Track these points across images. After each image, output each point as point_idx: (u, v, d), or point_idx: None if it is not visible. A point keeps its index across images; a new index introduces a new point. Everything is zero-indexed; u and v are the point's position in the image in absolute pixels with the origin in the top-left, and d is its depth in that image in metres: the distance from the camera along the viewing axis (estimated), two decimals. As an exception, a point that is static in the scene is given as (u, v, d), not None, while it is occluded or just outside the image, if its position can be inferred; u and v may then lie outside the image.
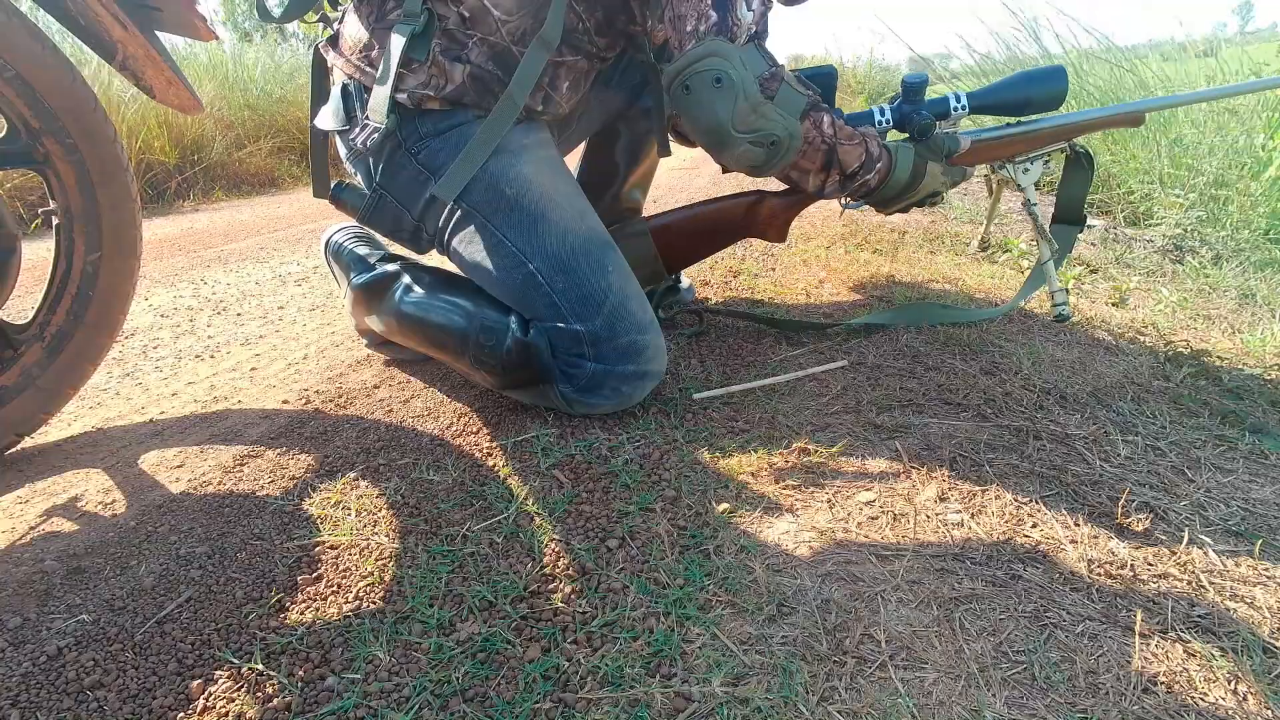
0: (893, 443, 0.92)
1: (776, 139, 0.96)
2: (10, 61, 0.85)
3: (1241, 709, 0.55)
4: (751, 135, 0.95)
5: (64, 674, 0.60)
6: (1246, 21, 8.94)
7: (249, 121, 3.96)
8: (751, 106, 0.93)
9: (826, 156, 1.01)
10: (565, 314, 0.94)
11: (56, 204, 0.94)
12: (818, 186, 1.06)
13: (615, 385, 0.95)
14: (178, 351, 1.38)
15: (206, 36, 0.99)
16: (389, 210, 1.01)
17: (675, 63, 0.94)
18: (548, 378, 0.96)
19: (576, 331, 0.93)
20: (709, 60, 0.91)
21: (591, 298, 0.94)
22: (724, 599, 0.66)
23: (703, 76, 0.92)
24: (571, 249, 0.95)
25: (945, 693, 0.56)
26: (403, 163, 0.98)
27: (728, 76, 0.91)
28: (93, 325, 0.98)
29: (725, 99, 0.92)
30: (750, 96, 0.93)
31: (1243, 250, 1.88)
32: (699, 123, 0.95)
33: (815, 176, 1.04)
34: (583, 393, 0.96)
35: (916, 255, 1.85)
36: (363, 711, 0.56)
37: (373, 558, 0.74)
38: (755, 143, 0.96)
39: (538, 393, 1.00)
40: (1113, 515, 0.77)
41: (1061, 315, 1.21)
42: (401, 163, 0.98)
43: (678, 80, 0.94)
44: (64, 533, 0.80)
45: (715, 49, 0.91)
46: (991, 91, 1.15)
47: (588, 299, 0.94)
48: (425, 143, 0.97)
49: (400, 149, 0.98)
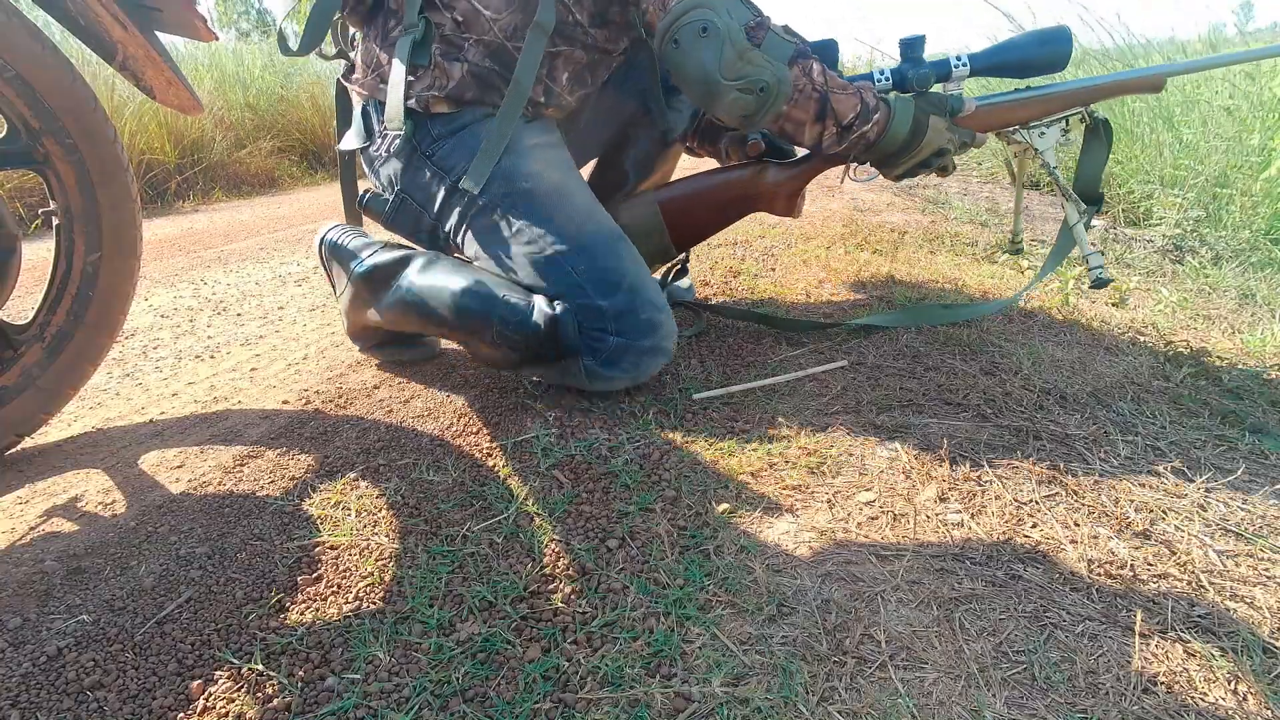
0: (893, 443, 0.92)
1: (765, 84, 0.96)
2: (10, 61, 0.85)
3: (1241, 709, 0.55)
4: (740, 82, 0.96)
5: (64, 674, 0.60)
6: (1246, 21, 8.97)
7: (249, 122, 3.96)
8: (738, 53, 0.94)
9: (820, 105, 1.01)
10: (589, 292, 0.97)
11: (56, 204, 0.94)
12: (814, 139, 1.04)
13: (634, 359, 0.99)
14: (178, 352, 1.38)
15: (206, 37, 0.99)
16: (409, 212, 1.07)
17: (663, 20, 0.96)
18: (572, 352, 0.98)
19: (600, 307, 0.97)
20: (694, 11, 0.94)
21: (611, 277, 0.98)
22: (724, 599, 0.66)
23: (690, 27, 0.94)
24: (590, 235, 1.00)
25: (945, 693, 0.56)
26: (419, 165, 1.04)
27: (713, 25, 0.93)
28: (93, 325, 0.98)
29: (712, 47, 0.94)
30: (737, 44, 0.94)
31: (1243, 250, 1.88)
32: (688, 74, 0.97)
33: (811, 129, 1.03)
34: (605, 365, 0.99)
35: (916, 255, 1.85)
36: (363, 712, 0.56)
37: (373, 558, 0.74)
38: (744, 89, 0.96)
39: (559, 369, 1.02)
40: (1113, 515, 0.77)
41: (1100, 279, 1.13)
42: (418, 165, 1.04)
43: (666, 37, 0.96)
44: (64, 533, 0.80)
45: (700, 0, 0.93)
46: (994, 52, 1.12)
47: (608, 279, 0.98)
48: (439, 144, 1.02)
49: (416, 153, 1.04)
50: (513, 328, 0.97)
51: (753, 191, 1.20)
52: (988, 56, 1.12)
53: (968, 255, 1.87)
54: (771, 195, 1.19)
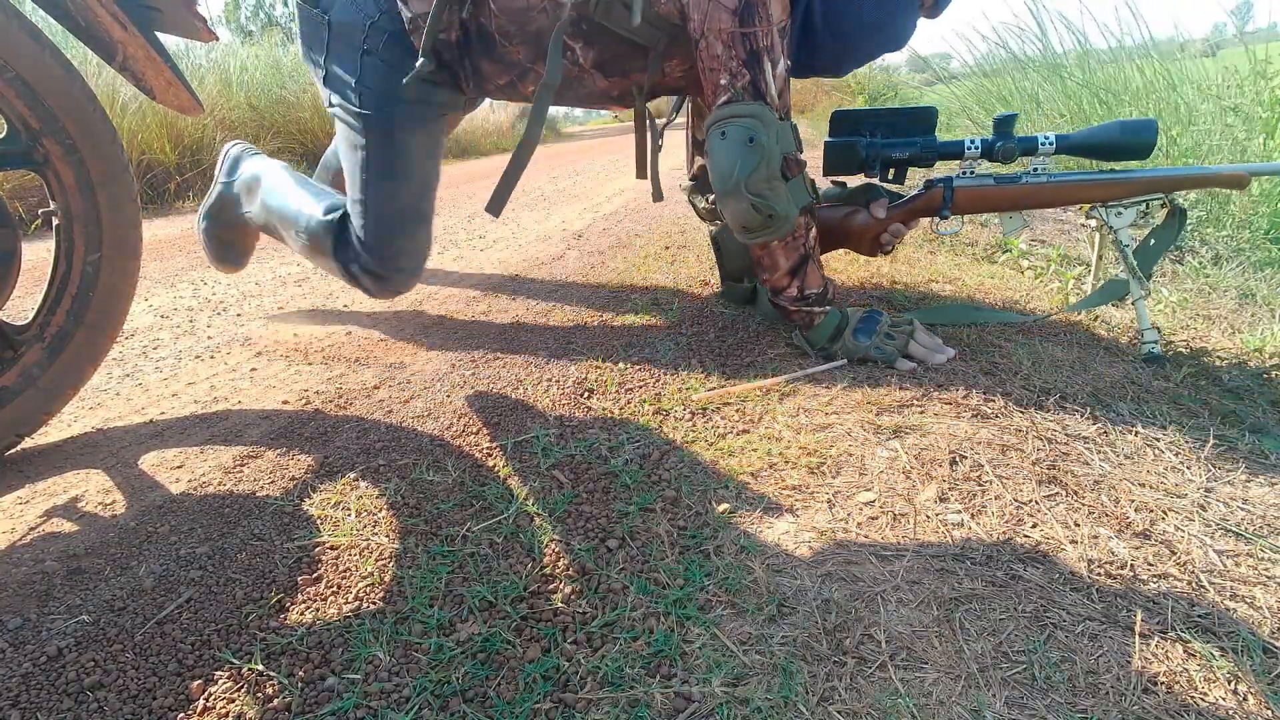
0: (893, 443, 0.92)
1: (775, 213, 1.05)
2: (10, 62, 0.85)
3: (1241, 709, 0.55)
4: (758, 199, 1.05)
5: (64, 675, 0.60)
6: (1245, 22, 8.97)
7: (249, 122, 3.96)
8: (768, 176, 1.04)
9: (800, 260, 1.11)
10: (360, 231, 1.20)
11: (56, 205, 0.94)
12: (778, 287, 1.14)
13: (370, 284, 1.23)
14: (178, 352, 1.38)
15: (206, 37, 1.00)
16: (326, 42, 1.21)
17: (720, 109, 1.05)
18: (334, 257, 1.24)
19: (358, 242, 1.21)
20: (749, 121, 1.03)
21: (383, 240, 1.20)
22: (724, 599, 0.66)
23: (741, 130, 1.03)
24: (397, 209, 1.20)
25: (945, 693, 0.56)
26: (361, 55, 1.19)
27: (761, 141, 1.03)
28: (93, 326, 0.98)
29: (751, 157, 1.03)
30: (772, 167, 1.04)
31: (1243, 250, 1.88)
32: (721, 166, 1.05)
33: (784, 276, 1.12)
34: (352, 277, 1.24)
35: (916, 255, 1.85)
36: (363, 712, 0.56)
37: (373, 558, 0.74)
38: (758, 207, 1.05)
39: (329, 266, 1.27)
40: (1113, 515, 0.77)
41: (1152, 355, 1.20)
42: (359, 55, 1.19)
43: (717, 125, 1.05)
44: (64, 533, 0.80)
45: (758, 112, 1.03)
46: (1082, 136, 1.20)
47: (380, 238, 1.20)
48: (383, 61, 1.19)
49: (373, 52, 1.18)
50: (301, 226, 1.26)
51: (843, 230, 1.30)
52: (1076, 139, 1.19)
53: (968, 255, 1.87)
54: (859, 236, 1.29)
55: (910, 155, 1.21)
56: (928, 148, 1.21)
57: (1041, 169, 1.21)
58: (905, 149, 1.21)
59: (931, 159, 1.21)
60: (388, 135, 1.17)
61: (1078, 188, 1.22)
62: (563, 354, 1.25)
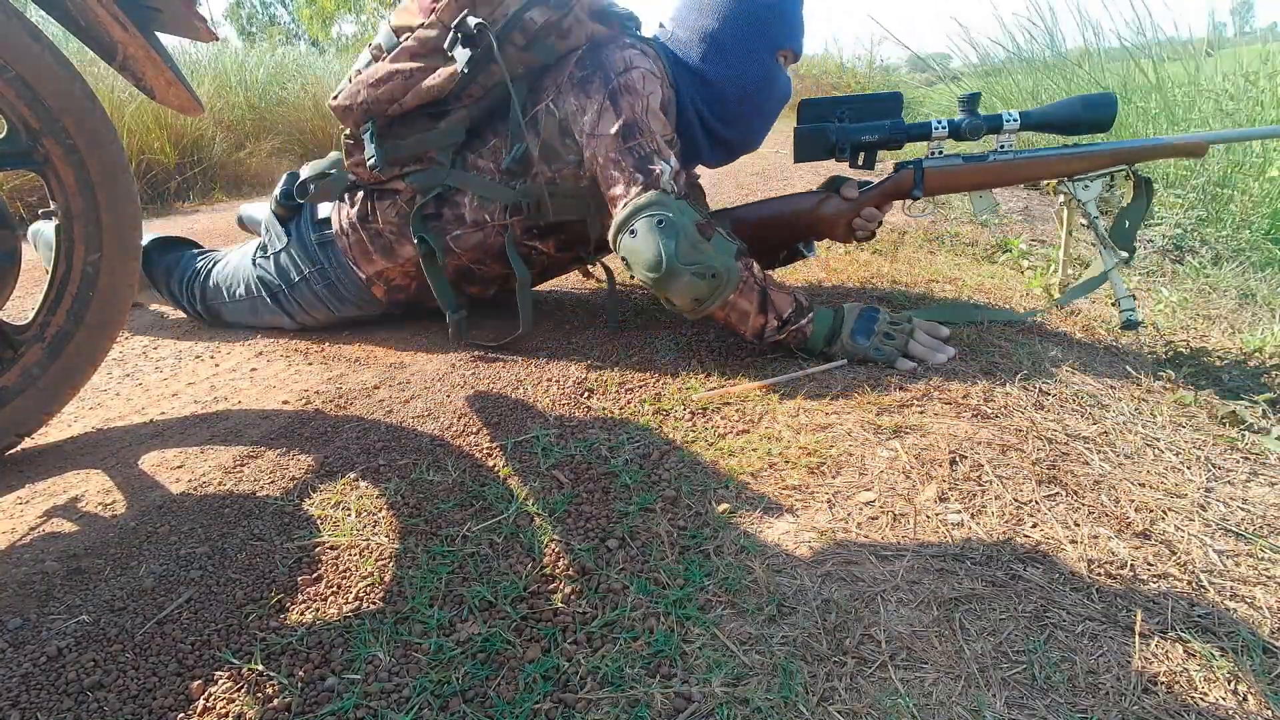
0: (893, 443, 0.92)
1: (716, 271, 1.07)
2: (10, 62, 0.85)
3: (1241, 709, 0.55)
4: (695, 267, 1.06)
5: (64, 675, 0.60)
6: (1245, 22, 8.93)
7: (249, 122, 3.95)
8: (692, 244, 1.06)
9: (761, 295, 1.11)
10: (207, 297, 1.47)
11: (57, 205, 0.94)
12: (757, 330, 1.14)
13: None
14: (178, 352, 1.38)
15: (207, 37, 0.99)
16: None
17: (618, 215, 1.10)
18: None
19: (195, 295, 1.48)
20: (650, 209, 1.07)
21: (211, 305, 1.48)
22: (724, 599, 0.66)
23: (647, 221, 1.06)
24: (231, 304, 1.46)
25: (945, 693, 0.56)
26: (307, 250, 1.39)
27: (668, 219, 1.06)
28: (93, 326, 0.98)
29: (668, 236, 1.05)
30: (690, 236, 1.06)
31: (1243, 250, 1.88)
32: (646, 259, 1.07)
33: (755, 319, 1.13)
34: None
35: (916, 255, 1.85)
36: (363, 712, 0.56)
37: (373, 558, 0.74)
38: (698, 274, 1.06)
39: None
40: (1113, 515, 0.77)
41: (1130, 321, 1.20)
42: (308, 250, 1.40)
43: (624, 228, 1.09)
44: (64, 533, 0.80)
45: (655, 199, 1.07)
46: (1044, 111, 1.22)
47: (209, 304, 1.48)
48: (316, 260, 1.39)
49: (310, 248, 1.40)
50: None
51: (815, 218, 1.31)
52: (1038, 114, 1.22)
53: (967, 255, 1.88)
54: (832, 223, 1.31)
55: (879, 138, 1.23)
56: (896, 130, 1.22)
57: (1008, 146, 1.23)
58: (874, 132, 1.22)
59: (900, 140, 1.23)
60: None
61: (1044, 163, 1.24)
62: (563, 354, 1.25)
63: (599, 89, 1.14)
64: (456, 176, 1.24)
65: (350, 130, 1.24)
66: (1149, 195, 1.22)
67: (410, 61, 1.15)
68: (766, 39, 1.23)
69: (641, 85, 1.14)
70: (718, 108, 1.26)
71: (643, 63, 1.16)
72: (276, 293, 1.39)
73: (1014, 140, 1.23)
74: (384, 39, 1.20)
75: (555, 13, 1.14)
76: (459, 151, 1.24)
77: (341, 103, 1.20)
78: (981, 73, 3.98)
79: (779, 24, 1.23)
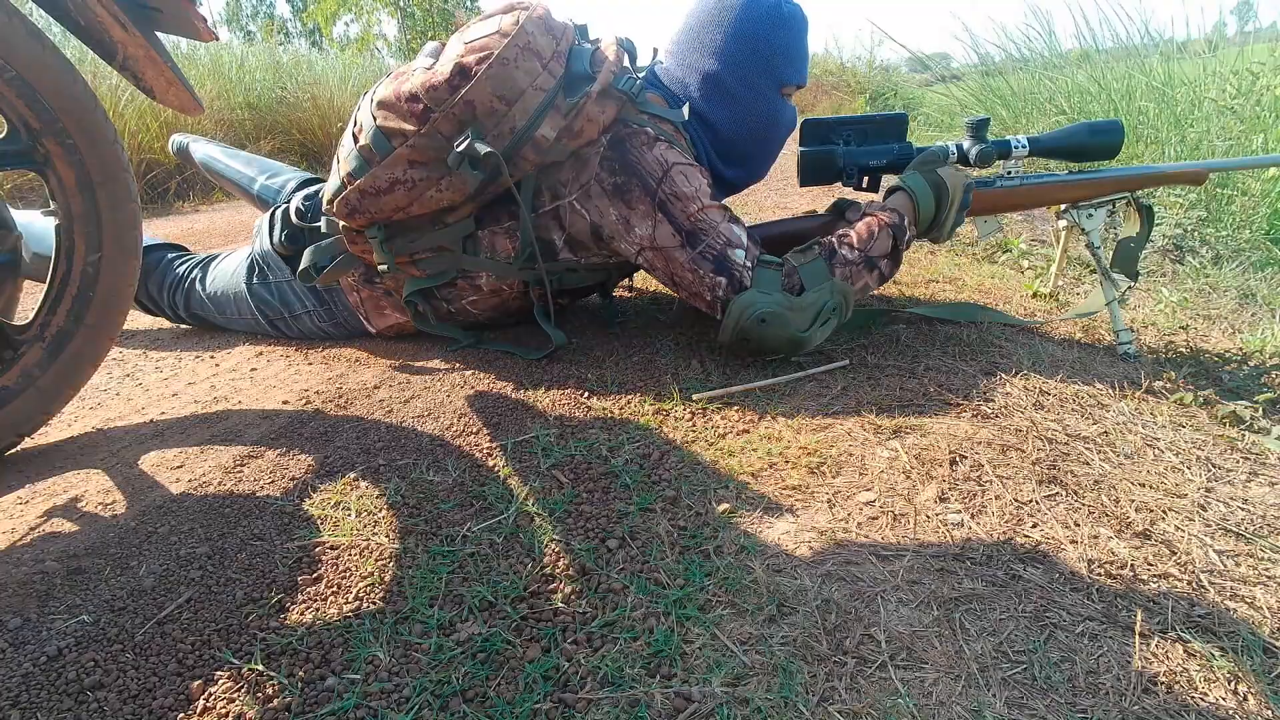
0: (893, 443, 0.92)
1: (833, 305, 1.08)
2: (10, 62, 0.85)
3: (1241, 709, 0.55)
4: (816, 320, 1.08)
5: (64, 675, 0.60)
6: (1246, 21, 8.89)
7: (249, 122, 3.95)
8: (796, 309, 1.06)
9: (867, 264, 1.11)
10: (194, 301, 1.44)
11: (57, 205, 0.94)
12: (882, 279, 1.16)
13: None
14: (178, 352, 1.38)
15: (206, 37, 0.99)
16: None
17: (723, 326, 1.09)
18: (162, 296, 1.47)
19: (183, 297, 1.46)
20: (748, 309, 1.06)
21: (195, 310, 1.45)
22: (724, 599, 0.66)
23: (751, 323, 1.07)
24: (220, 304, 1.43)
25: (945, 693, 0.56)
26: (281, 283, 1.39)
27: (768, 313, 1.06)
28: (93, 326, 0.98)
29: (777, 323, 1.06)
30: (788, 305, 1.06)
31: (1243, 250, 1.88)
32: (776, 347, 1.10)
33: (875, 277, 1.13)
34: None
35: (916, 255, 1.85)
36: (363, 712, 0.56)
37: (373, 558, 0.74)
38: (823, 321, 1.08)
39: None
40: (1113, 515, 0.77)
41: (1126, 355, 1.21)
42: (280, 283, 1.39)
43: (736, 337, 1.09)
44: (64, 533, 0.80)
45: (745, 302, 1.06)
46: (1052, 137, 1.21)
47: (192, 306, 1.45)
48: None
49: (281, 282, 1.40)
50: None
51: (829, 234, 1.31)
52: (1047, 140, 1.21)
53: (968, 255, 1.88)
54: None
55: (887, 162, 1.22)
56: (904, 154, 1.21)
57: (1015, 171, 1.23)
58: (882, 156, 1.22)
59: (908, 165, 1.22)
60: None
61: (1050, 189, 1.23)
62: (563, 354, 1.25)
63: (641, 198, 1.10)
64: (470, 262, 1.19)
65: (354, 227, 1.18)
66: (1150, 223, 1.23)
67: (410, 169, 1.07)
68: (770, 77, 1.19)
69: (686, 185, 1.09)
70: (722, 147, 1.24)
71: (675, 156, 1.11)
72: (276, 321, 1.37)
73: (1020, 165, 1.23)
74: (371, 139, 1.08)
75: (566, 119, 1.06)
76: (470, 234, 1.19)
77: (340, 211, 1.13)
78: (981, 72, 3.98)
79: (782, 61, 1.19)
